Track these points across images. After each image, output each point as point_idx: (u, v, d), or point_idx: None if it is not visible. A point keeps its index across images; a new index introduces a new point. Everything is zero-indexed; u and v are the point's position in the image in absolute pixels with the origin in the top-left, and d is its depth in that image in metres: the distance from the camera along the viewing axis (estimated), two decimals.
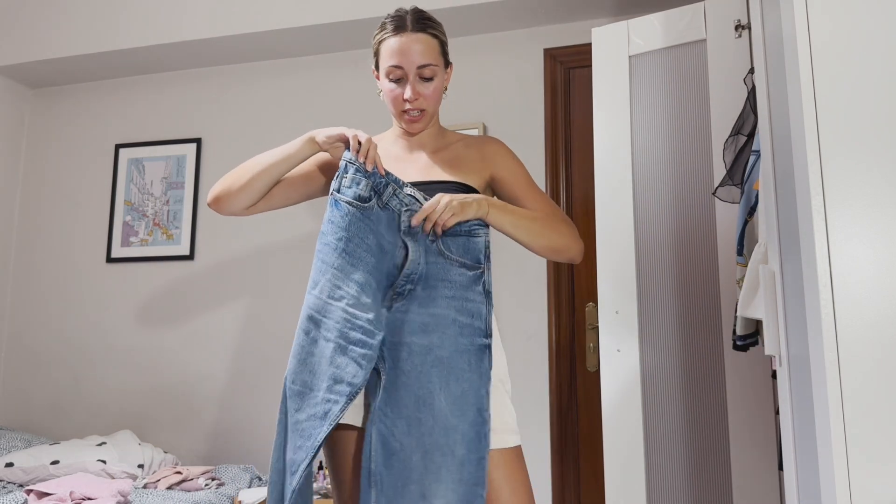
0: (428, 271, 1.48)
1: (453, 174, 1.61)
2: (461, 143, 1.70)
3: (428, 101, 1.61)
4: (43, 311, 3.47)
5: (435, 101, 1.63)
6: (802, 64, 1.18)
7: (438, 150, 1.68)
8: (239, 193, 1.58)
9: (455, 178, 1.60)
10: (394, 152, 1.67)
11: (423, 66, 1.57)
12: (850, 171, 1.14)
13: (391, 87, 1.60)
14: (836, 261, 1.12)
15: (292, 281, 3.14)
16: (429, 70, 1.58)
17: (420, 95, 1.59)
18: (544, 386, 2.81)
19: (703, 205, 2.23)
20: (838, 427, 1.08)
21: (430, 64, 1.58)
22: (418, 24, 1.58)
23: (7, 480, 2.65)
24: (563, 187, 2.92)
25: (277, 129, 3.30)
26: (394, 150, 1.68)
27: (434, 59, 1.59)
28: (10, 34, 3.42)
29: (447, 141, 1.71)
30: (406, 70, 1.57)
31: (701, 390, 2.17)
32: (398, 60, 1.57)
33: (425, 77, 1.59)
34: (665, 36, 2.33)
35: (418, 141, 1.69)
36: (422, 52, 1.57)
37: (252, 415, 3.10)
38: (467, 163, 1.65)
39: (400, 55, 1.56)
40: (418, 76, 1.58)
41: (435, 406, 1.41)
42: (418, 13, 1.61)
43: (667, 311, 2.24)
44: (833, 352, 1.10)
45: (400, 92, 1.59)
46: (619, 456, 2.23)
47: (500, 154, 1.69)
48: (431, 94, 1.60)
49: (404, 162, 1.65)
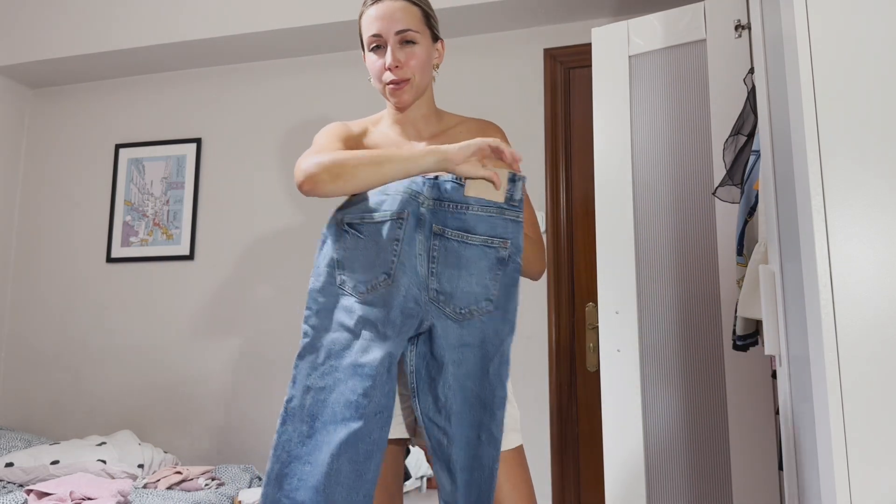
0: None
1: None
2: (462, 127, 1.64)
3: (411, 69, 1.52)
4: (43, 311, 3.47)
5: (420, 71, 1.54)
6: (802, 64, 1.18)
7: (436, 135, 1.61)
8: (345, 185, 1.41)
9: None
10: (390, 136, 1.60)
11: (403, 31, 1.50)
12: (850, 171, 1.14)
13: (373, 58, 1.54)
14: (836, 261, 1.12)
15: (292, 281, 3.14)
16: (409, 34, 1.51)
17: (400, 63, 1.51)
18: (544, 386, 2.81)
19: (703, 205, 2.23)
20: (838, 427, 1.08)
21: (410, 29, 1.51)
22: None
23: (7, 480, 2.65)
24: (563, 187, 2.92)
25: (277, 129, 3.30)
26: (389, 134, 1.61)
27: (414, 24, 1.52)
28: (10, 34, 3.42)
29: (445, 125, 1.64)
30: (385, 37, 1.51)
31: (701, 390, 2.17)
32: (376, 28, 1.51)
33: (406, 41, 1.51)
34: (665, 36, 2.33)
35: (414, 126, 1.61)
36: (400, 18, 1.50)
37: (252, 415, 3.10)
38: None
39: (378, 21, 1.50)
40: (399, 41, 1.51)
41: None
42: None
43: (667, 311, 2.24)
44: (833, 352, 1.10)
45: (381, 63, 1.52)
46: (619, 456, 2.23)
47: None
48: (415, 61, 1.52)
49: (402, 147, 1.57)
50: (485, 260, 1.40)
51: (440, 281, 1.41)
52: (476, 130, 1.63)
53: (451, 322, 1.40)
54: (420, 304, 1.40)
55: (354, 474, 1.35)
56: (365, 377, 1.37)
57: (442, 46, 1.62)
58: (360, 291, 1.41)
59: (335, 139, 1.53)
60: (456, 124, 1.64)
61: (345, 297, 1.43)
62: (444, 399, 1.39)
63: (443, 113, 1.67)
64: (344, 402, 1.38)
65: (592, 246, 2.45)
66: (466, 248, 1.41)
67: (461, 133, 1.61)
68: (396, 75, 1.52)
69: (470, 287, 1.40)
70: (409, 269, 1.39)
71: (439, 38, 1.61)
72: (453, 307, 1.40)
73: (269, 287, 3.19)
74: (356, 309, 1.41)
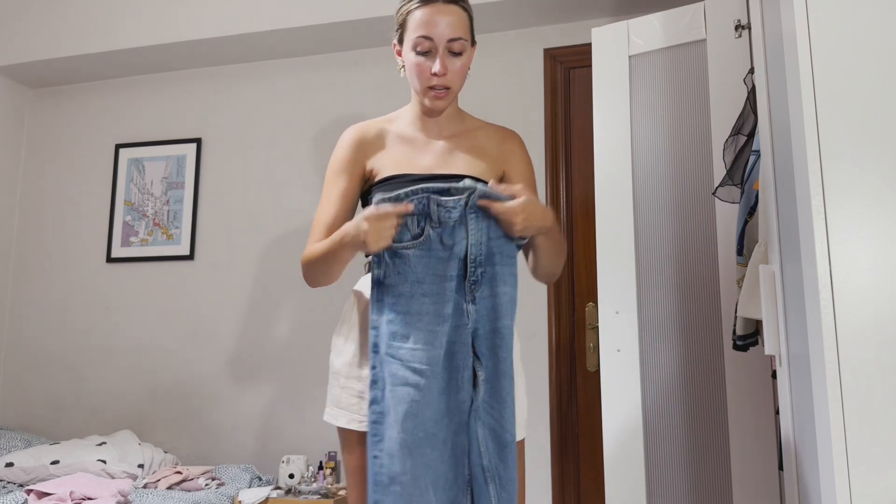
0: (490, 248, 1.44)
1: (469, 166, 1.56)
2: (482, 132, 1.65)
3: (455, 78, 1.54)
4: (43, 311, 3.47)
5: (461, 79, 1.56)
6: (802, 64, 1.18)
7: (457, 134, 1.62)
8: (325, 282, 1.54)
9: (470, 170, 1.55)
10: (410, 134, 1.61)
11: (454, 40, 1.51)
12: (850, 171, 1.14)
13: (418, 59, 1.52)
14: (835, 261, 1.12)
15: (292, 281, 3.14)
16: (458, 44, 1.51)
17: (448, 70, 1.51)
18: (544, 386, 2.81)
19: (703, 205, 2.23)
20: (838, 427, 1.08)
21: (461, 38, 1.51)
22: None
23: (7, 480, 2.65)
24: (563, 187, 2.92)
25: (277, 129, 3.30)
26: (410, 131, 1.62)
27: (464, 33, 1.52)
28: (10, 34, 3.42)
29: (467, 126, 1.65)
30: (436, 42, 1.50)
31: (701, 390, 2.17)
32: (428, 31, 1.49)
33: (454, 51, 1.52)
34: (665, 36, 2.33)
35: (436, 123, 1.62)
36: (453, 25, 1.50)
37: (252, 415, 3.10)
38: (485, 155, 1.60)
39: (430, 26, 1.49)
40: (448, 50, 1.51)
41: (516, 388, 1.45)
42: None
43: (667, 311, 2.24)
44: (833, 351, 1.10)
45: (428, 65, 1.52)
46: (619, 456, 2.23)
47: (516, 155, 1.64)
48: (458, 70, 1.54)
49: (421, 146, 1.59)
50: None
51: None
52: (495, 137, 1.65)
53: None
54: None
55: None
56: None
57: (474, 49, 1.61)
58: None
59: (336, 177, 1.58)
60: (477, 128, 1.66)
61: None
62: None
63: (465, 114, 1.68)
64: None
65: (592, 246, 2.45)
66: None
67: (482, 137, 1.63)
68: (441, 83, 1.53)
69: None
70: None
71: (475, 42, 1.61)
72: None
73: (269, 287, 3.19)
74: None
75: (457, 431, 1.40)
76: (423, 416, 1.36)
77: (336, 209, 1.55)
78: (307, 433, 3.00)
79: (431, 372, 1.38)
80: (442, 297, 1.42)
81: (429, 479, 1.35)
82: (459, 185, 1.42)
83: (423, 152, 1.58)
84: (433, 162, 1.56)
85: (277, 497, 2.63)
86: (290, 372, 3.07)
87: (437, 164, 1.56)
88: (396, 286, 1.42)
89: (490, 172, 1.57)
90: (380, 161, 1.57)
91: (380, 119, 1.66)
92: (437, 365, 1.39)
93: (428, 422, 1.36)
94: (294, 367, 3.07)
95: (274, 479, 2.87)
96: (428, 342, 1.39)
